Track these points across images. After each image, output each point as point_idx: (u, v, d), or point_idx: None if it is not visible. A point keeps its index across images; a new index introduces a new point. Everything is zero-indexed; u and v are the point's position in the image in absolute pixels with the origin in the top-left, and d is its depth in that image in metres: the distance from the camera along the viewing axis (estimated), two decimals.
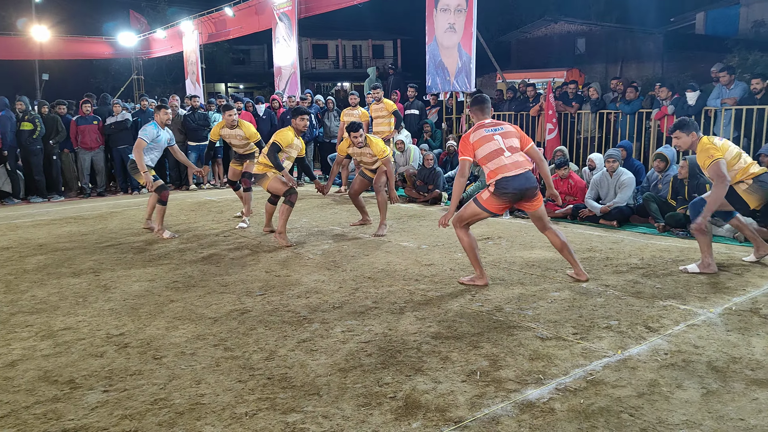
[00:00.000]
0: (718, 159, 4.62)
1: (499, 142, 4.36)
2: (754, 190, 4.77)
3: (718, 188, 4.61)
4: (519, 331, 3.59)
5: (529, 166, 4.37)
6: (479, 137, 4.41)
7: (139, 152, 6.51)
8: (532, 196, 4.36)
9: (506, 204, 4.40)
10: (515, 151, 4.38)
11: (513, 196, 4.31)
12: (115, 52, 19.81)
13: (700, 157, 4.73)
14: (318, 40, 39.31)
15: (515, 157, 4.34)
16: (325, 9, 13.00)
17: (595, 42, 27.96)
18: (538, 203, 4.43)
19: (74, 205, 9.90)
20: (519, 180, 4.27)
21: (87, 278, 5.14)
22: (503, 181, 4.28)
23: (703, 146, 4.73)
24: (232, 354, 3.39)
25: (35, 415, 2.77)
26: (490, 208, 4.38)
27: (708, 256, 4.78)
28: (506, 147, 4.35)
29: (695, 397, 2.73)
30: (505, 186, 4.27)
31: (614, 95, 9.24)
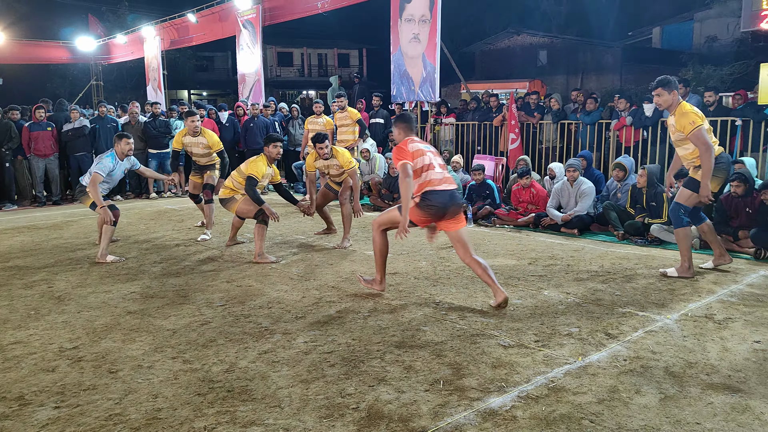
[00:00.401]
0: (701, 126, 4.63)
1: (431, 157, 4.35)
2: (714, 171, 4.76)
3: (705, 158, 4.62)
4: (482, 339, 3.60)
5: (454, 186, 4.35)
6: (416, 149, 4.33)
7: (94, 187, 5.94)
8: (455, 214, 4.28)
9: (428, 218, 4.28)
10: (444, 168, 4.41)
11: (437, 211, 4.22)
12: (73, 57, 19.32)
13: (681, 120, 4.70)
14: (283, 47, 39.15)
15: (444, 174, 4.33)
16: (290, 17, 12.95)
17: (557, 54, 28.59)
18: (461, 224, 4.32)
19: (27, 214, 9.57)
20: (445, 195, 4.22)
21: (39, 290, 4.96)
22: (430, 195, 4.22)
23: (684, 109, 4.70)
24: (191, 366, 3.30)
25: None
26: (412, 218, 4.25)
27: (687, 260, 4.88)
28: (437, 164, 4.34)
29: (653, 402, 2.78)
30: (430, 199, 4.21)
31: (575, 106, 9.43)
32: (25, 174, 10.67)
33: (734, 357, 3.28)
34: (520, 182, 7.68)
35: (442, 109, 10.92)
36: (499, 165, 9.51)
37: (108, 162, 6.10)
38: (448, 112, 10.96)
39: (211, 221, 7.19)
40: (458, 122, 10.68)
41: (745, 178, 5.88)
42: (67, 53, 19.16)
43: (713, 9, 23.22)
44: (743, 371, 3.09)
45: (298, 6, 12.52)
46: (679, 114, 4.74)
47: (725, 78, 18.44)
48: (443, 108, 10.94)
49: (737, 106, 7.82)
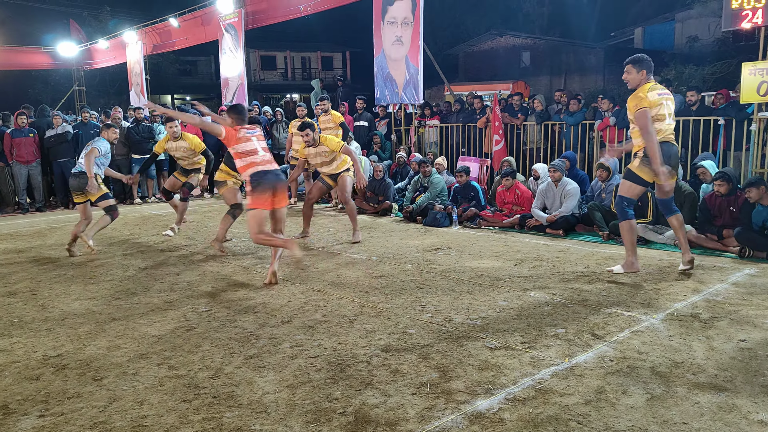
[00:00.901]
0: (645, 108, 4.60)
1: (255, 143, 5.07)
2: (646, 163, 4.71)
3: (647, 140, 4.60)
4: (468, 341, 3.61)
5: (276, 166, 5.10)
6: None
7: (90, 158, 6.47)
8: (282, 191, 5.08)
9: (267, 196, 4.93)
10: (267, 151, 5.15)
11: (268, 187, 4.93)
12: (55, 62, 19.08)
13: (632, 101, 4.71)
14: (266, 51, 39.01)
15: (268, 156, 5.09)
16: (272, 20, 12.90)
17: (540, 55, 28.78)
18: (285, 202, 5.20)
19: (11, 221, 9.45)
20: (271, 175, 4.98)
21: (23, 297, 4.90)
22: (257, 175, 4.93)
23: (640, 93, 4.68)
24: (177, 373, 3.27)
25: None
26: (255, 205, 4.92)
27: (632, 254, 4.88)
28: (260, 147, 5.08)
29: (640, 402, 2.79)
30: (258, 179, 4.91)
31: (558, 107, 9.49)
32: (8, 181, 10.55)
33: (720, 356, 3.30)
34: (504, 183, 7.72)
35: (425, 112, 10.94)
36: (483, 166, 9.54)
37: (100, 142, 6.66)
38: (431, 114, 10.98)
39: (182, 219, 7.51)
40: (442, 124, 10.71)
41: (728, 177, 5.95)
42: (48, 59, 18.93)
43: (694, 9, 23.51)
44: (729, 370, 3.11)
45: (280, 9, 12.47)
46: (633, 95, 4.74)
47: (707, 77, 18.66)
48: (427, 110, 10.96)
49: (719, 105, 7.92)
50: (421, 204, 8.08)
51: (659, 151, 4.60)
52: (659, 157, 4.60)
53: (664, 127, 4.75)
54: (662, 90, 4.79)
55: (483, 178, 9.46)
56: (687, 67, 19.53)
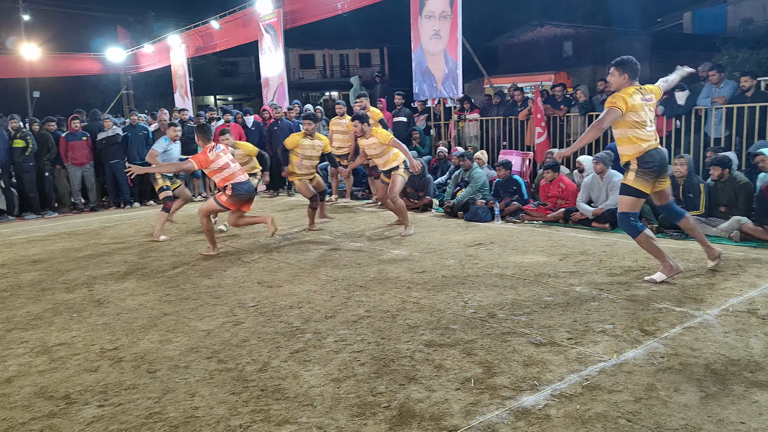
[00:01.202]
0: (618, 109, 4.36)
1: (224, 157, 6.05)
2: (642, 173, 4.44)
3: (590, 130, 4.47)
4: (513, 337, 3.58)
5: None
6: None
7: (153, 158, 7.29)
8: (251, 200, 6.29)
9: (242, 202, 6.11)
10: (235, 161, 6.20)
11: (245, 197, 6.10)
12: (104, 67, 19.78)
13: (611, 98, 4.50)
14: (305, 50, 39.37)
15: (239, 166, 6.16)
16: (311, 19, 13.02)
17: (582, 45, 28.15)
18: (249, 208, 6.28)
19: (67, 221, 9.85)
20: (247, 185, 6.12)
21: (81, 293, 5.11)
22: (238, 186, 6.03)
23: (622, 92, 4.47)
24: (226, 366, 3.36)
25: (32, 430, 2.75)
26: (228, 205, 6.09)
27: (665, 259, 4.52)
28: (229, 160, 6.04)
29: (694, 400, 2.71)
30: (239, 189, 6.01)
31: (603, 97, 9.27)
32: (64, 182, 11.01)
33: None
34: (546, 176, 7.60)
35: (465, 105, 10.85)
36: (525, 160, 9.41)
37: (162, 141, 7.47)
38: (471, 107, 10.88)
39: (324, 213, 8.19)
40: (482, 117, 10.60)
41: None
42: (98, 64, 19.63)
43: None
44: None
45: (318, 8, 12.58)
46: (614, 94, 4.53)
47: (763, 62, 17.85)
48: (466, 104, 10.86)
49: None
50: (462, 199, 8.03)
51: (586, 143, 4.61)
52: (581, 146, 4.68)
53: (647, 134, 4.46)
54: (647, 95, 4.55)
55: (526, 171, 9.33)
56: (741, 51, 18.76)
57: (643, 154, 4.44)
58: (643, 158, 4.44)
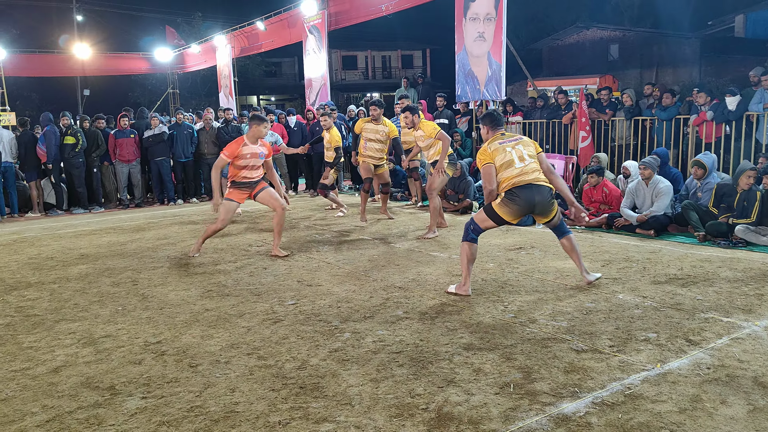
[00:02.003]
0: (488, 164, 4.50)
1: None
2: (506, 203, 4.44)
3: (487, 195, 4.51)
4: (553, 342, 3.53)
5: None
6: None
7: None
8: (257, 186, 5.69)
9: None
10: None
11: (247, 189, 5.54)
12: (152, 67, 20.33)
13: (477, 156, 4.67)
14: (347, 51, 39.65)
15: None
16: (355, 21, 13.10)
17: (629, 48, 27.55)
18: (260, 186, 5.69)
19: (113, 216, 10.16)
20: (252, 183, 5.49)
21: (125, 287, 5.26)
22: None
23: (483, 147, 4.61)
24: (266, 363, 3.41)
25: (78, 420, 2.83)
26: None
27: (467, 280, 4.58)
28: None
29: (741, 413, 2.63)
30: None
31: (650, 101, 9.06)
32: (111, 179, 11.37)
33: None
34: (590, 181, 7.46)
35: (508, 108, 10.74)
36: (569, 164, 9.26)
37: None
38: (514, 110, 10.76)
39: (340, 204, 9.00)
40: (525, 121, 10.48)
41: None
42: (146, 64, 20.19)
43: None
44: None
45: (362, 9, 12.65)
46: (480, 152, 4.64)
47: None
48: (509, 107, 10.75)
49: None
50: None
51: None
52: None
53: (513, 172, 4.45)
54: (508, 138, 4.62)
55: (568, 175, 9.18)
56: None
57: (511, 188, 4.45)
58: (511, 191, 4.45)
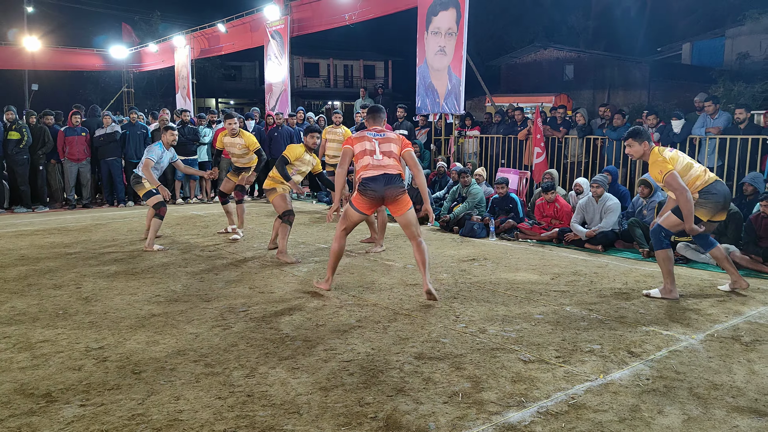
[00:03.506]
0: (672, 171, 4.63)
1: (375, 144, 4.75)
2: (701, 203, 4.73)
3: (682, 200, 4.60)
4: (502, 353, 3.58)
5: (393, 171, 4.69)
6: (359, 136, 4.81)
7: (148, 170, 6.77)
8: (392, 199, 4.69)
9: (369, 204, 4.73)
10: (390, 156, 4.74)
11: (374, 196, 4.67)
12: (106, 64, 19.81)
13: (652, 169, 4.76)
14: (310, 58, 39.58)
15: (384, 161, 4.70)
16: (318, 28, 13.11)
17: (583, 69, 28.41)
18: (404, 208, 4.73)
19: (59, 217, 9.80)
20: (378, 181, 4.65)
21: (68, 290, 5.08)
22: (365, 180, 4.67)
23: (654, 158, 4.75)
24: (213, 370, 3.34)
25: (9, 428, 2.71)
26: (358, 206, 4.77)
27: (670, 282, 4.79)
28: (380, 150, 4.73)
29: (676, 423, 2.73)
30: (365, 184, 4.66)
31: (602, 121, 9.36)
32: (58, 177, 10.95)
33: (762, 380, 3.20)
34: (545, 197, 7.64)
35: (466, 122, 10.92)
36: (523, 179, 9.46)
37: (157, 150, 6.93)
38: (472, 124, 10.95)
39: (243, 221, 7.69)
40: (483, 135, 10.67)
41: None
42: (100, 61, 19.65)
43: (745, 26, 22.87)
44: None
45: (325, 17, 12.67)
46: (651, 162, 4.78)
47: (757, 95, 18.08)
48: (468, 121, 10.94)
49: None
50: (459, 214, 8.06)
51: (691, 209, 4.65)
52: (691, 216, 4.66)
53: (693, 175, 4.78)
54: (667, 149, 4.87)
55: (522, 190, 9.38)
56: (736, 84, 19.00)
57: (706, 186, 4.76)
58: (704, 190, 4.76)
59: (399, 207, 4.72)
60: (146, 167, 6.78)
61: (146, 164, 6.79)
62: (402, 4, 10.96)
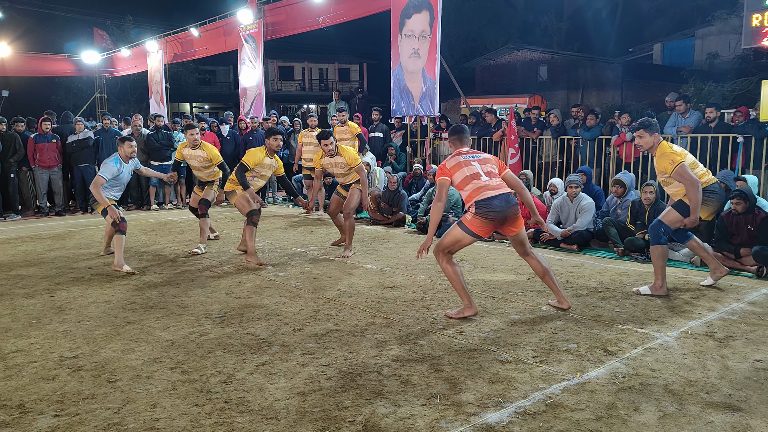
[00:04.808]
0: (682, 162, 4.69)
1: (476, 167, 4.33)
2: (704, 201, 4.81)
3: (692, 191, 4.66)
4: (479, 354, 3.60)
5: (507, 190, 4.31)
6: (455, 163, 4.37)
7: (96, 189, 6.12)
8: (514, 218, 4.27)
9: (490, 227, 4.27)
10: (493, 175, 4.34)
11: (496, 217, 4.18)
12: (78, 70, 19.50)
13: (661, 160, 4.79)
14: (284, 62, 39.42)
15: (493, 181, 4.29)
16: (291, 32, 13.07)
17: (557, 70, 28.73)
18: (520, 226, 4.35)
19: (31, 224, 9.60)
20: (500, 200, 4.19)
21: (41, 299, 4.98)
22: (483, 202, 4.18)
23: (663, 150, 4.80)
24: (189, 377, 3.31)
25: None
26: (475, 230, 4.25)
27: (660, 279, 4.88)
28: (483, 172, 4.31)
29: (652, 420, 2.77)
30: (486, 206, 4.18)
31: (575, 122, 9.48)
32: (29, 185, 10.73)
33: (735, 376, 3.27)
34: None
35: (441, 124, 10.97)
36: None
37: (112, 166, 6.24)
38: (447, 126, 11.01)
39: (205, 236, 7.07)
40: None
41: (745, 196, 5.89)
42: (71, 66, 19.33)
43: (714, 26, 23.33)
44: (744, 390, 3.08)
45: (299, 21, 12.64)
46: (660, 155, 4.82)
47: (727, 94, 18.47)
48: (443, 123, 10.99)
49: (738, 123, 7.87)
50: None
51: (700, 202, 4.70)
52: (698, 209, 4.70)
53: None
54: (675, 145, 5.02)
55: None
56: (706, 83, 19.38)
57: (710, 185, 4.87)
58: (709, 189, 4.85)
59: (516, 226, 4.32)
60: (95, 186, 6.11)
61: (96, 182, 6.11)
62: (375, 7, 10.98)
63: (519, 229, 4.35)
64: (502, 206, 4.18)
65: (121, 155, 6.37)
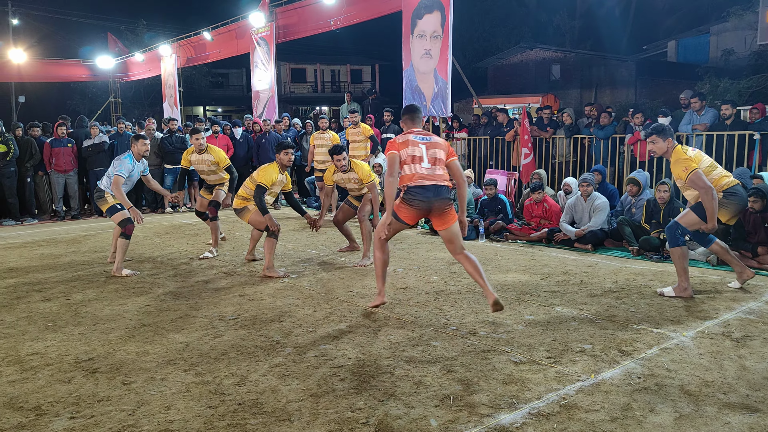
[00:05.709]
0: (696, 169, 4.63)
1: (422, 150, 4.32)
2: (724, 204, 4.77)
3: (707, 199, 4.60)
4: (493, 355, 3.58)
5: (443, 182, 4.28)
6: (404, 140, 4.37)
7: (118, 188, 6.05)
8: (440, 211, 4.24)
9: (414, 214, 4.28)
10: (437, 162, 4.32)
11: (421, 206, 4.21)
12: (93, 74, 19.70)
13: (675, 167, 4.74)
14: (297, 64, 39.56)
15: (432, 170, 4.27)
16: (303, 34, 13.11)
17: (570, 68, 28.55)
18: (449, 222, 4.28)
19: (47, 228, 9.72)
20: (429, 191, 4.20)
21: (57, 302, 5.03)
22: (413, 189, 4.22)
23: (677, 156, 4.73)
24: (203, 379, 3.32)
25: None
26: (401, 215, 4.31)
27: (684, 280, 4.79)
28: (428, 158, 4.30)
29: (668, 421, 2.74)
30: (414, 193, 4.22)
31: (588, 120, 9.41)
32: (46, 189, 10.87)
33: (752, 376, 3.22)
34: (533, 197, 7.66)
35: (453, 124, 10.95)
36: (511, 179, 9.50)
37: (127, 163, 6.21)
38: (460, 127, 10.99)
39: (217, 239, 7.05)
40: (470, 137, 10.70)
41: (762, 194, 5.82)
42: (86, 71, 19.55)
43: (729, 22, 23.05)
44: (762, 391, 3.03)
45: (311, 23, 12.68)
46: (674, 161, 4.76)
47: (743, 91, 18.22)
48: (455, 123, 10.97)
49: (755, 119, 7.76)
50: None
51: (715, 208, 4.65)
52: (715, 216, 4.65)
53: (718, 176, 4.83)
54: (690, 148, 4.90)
55: (510, 191, 9.41)
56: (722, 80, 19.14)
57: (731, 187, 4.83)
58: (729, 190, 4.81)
59: (444, 220, 4.27)
60: (116, 185, 6.03)
61: (116, 182, 6.03)
62: (387, 8, 10.98)
63: (448, 224, 4.29)
64: (429, 197, 4.20)
65: (134, 153, 6.30)
